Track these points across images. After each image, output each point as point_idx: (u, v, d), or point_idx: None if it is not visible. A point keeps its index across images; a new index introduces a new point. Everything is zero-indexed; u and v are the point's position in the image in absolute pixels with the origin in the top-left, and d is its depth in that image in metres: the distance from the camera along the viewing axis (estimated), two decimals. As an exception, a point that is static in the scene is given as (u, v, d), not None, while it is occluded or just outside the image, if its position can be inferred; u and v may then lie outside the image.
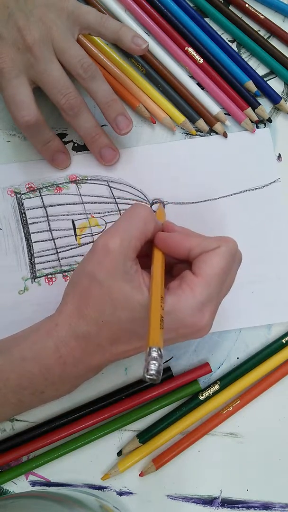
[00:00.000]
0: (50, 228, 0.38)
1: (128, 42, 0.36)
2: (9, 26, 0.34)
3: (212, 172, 0.39)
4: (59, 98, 0.35)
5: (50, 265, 0.37)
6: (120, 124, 0.37)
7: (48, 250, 0.37)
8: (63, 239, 0.38)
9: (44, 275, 0.37)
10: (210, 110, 0.40)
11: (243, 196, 0.38)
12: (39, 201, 0.38)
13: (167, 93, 0.40)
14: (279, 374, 0.35)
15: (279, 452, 0.34)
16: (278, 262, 0.37)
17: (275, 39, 0.42)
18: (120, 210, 0.38)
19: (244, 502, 0.34)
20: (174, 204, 0.38)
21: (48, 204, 0.38)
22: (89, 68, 0.35)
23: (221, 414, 0.34)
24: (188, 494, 0.34)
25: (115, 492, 0.34)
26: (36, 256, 0.37)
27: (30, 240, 0.37)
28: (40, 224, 0.38)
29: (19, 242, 0.37)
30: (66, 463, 0.34)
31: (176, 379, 0.35)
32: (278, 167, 0.39)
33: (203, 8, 0.42)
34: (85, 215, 0.38)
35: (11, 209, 0.38)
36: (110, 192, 0.38)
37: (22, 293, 0.37)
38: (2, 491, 0.34)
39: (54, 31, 0.35)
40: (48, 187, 0.38)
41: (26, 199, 0.38)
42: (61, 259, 0.37)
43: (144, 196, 0.38)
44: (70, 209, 0.38)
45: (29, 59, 0.34)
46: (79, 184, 0.38)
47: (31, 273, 0.37)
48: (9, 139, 0.40)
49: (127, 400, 0.34)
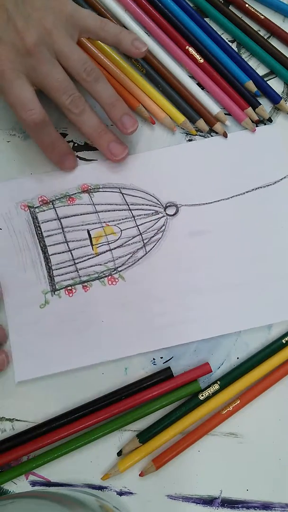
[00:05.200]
0: (66, 240, 0.38)
1: (128, 45, 0.36)
2: (8, 29, 0.34)
3: (223, 172, 0.39)
4: (64, 98, 0.35)
5: (69, 277, 0.37)
6: (126, 124, 0.37)
7: (66, 262, 0.37)
8: (79, 249, 0.37)
9: (63, 287, 0.37)
10: (210, 110, 0.40)
11: (256, 193, 0.38)
12: (53, 214, 0.38)
13: (167, 93, 0.40)
14: (279, 374, 0.35)
15: (279, 452, 0.34)
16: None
17: (275, 39, 0.42)
18: (135, 217, 0.38)
19: (244, 502, 0.34)
20: (188, 206, 0.38)
21: (62, 215, 0.38)
22: (92, 72, 0.36)
23: (221, 414, 0.34)
24: (188, 494, 0.34)
25: (115, 492, 0.34)
26: (55, 269, 0.37)
27: (47, 253, 0.37)
28: (56, 237, 0.38)
29: (36, 256, 0.37)
30: (66, 463, 0.34)
31: (176, 379, 0.35)
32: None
33: (203, 8, 0.42)
34: (100, 224, 0.38)
35: (26, 223, 0.38)
36: (123, 199, 0.38)
37: (43, 307, 0.36)
38: (2, 491, 0.34)
39: (54, 34, 0.35)
40: (61, 199, 0.38)
41: (39, 212, 0.38)
42: (79, 270, 0.37)
43: (157, 200, 0.38)
44: (84, 219, 0.38)
45: (30, 62, 0.34)
46: (91, 193, 0.38)
47: (50, 286, 0.37)
48: (9, 139, 0.40)
49: (127, 400, 0.34)
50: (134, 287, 0.37)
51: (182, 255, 0.37)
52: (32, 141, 0.40)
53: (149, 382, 0.35)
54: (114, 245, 0.38)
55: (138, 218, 0.38)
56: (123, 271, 0.37)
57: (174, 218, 0.38)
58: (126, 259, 0.37)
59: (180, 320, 0.36)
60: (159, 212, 0.38)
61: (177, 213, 0.38)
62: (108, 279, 0.37)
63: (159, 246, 0.38)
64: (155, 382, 0.35)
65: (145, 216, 0.38)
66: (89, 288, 0.37)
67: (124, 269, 0.37)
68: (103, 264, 0.37)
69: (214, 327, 0.36)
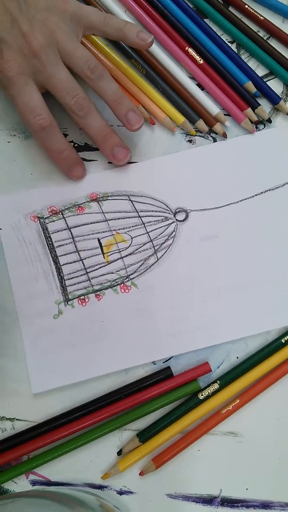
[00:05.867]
0: (77, 249, 0.37)
1: (133, 38, 0.36)
2: (14, 32, 0.34)
3: (231, 176, 0.39)
4: (68, 99, 0.35)
5: (81, 286, 0.37)
6: (132, 120, 0.37)
7: (78, 271, 0.37)
8: (91, 258, 0.37)
9: (76, 296, 0.37)
10: (210, 110, 0.40)
11: (265, 196, 0.38)
12: (63, 224, 0.38)
13: (167, 94, 0.41)
14: (279, 373, 0.35)
15: (279, 451, 0.34)
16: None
17: (275, 40, 0.42)
18: (144, 224, 0.38)
19: (244, 501, 0.34)
20: (197, 211, 0.38)
21: (72, 225, 0.38)
22: (96, 68, 0.35)
23: (221, 413, 0.34)
24: (188, 493, 0.34)
25: (115, 491, 0.34)
26: (67, 279, 0.37)
27: (58, 264, 0.37)
28: (67, 246, 0.38)
29: (48, 267, 0.37)
30: (66, 462, 0.34)
31: (176, 378, 0.35)
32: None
33: (203, 9, 0.43)
34: (110, 232, 0.38)
35: (36, 234, 0.38)
36: (132, 206, 0.38)
37: (57, 317, 0.36)
38: (2, 491, 0.34)
39: (58, 34, 0.35)
40: (70, 208, 0.38)
41: (49, 222, 0.38)
42: (91, 279, 0.37)
43: (167, 206, 0.38)
44: (94, 228, 0.38)
45: (36, 64, 0.34)
46: (100, 201, 0.38)
47: (63, 296, 0.37)
48: (10, 139, 0.40)
49: (127, 400, 0.34)
50: (147, 294, 0.37)
51: (194, 260, 0.37)
52: (33, 141, 0.40)
53: (149, 382, 0.35)
54: (125, 253, 0.37)
55: (148, 225, 0.38)
56: (135, 278, 0.37)
57: (184, 224, 0.38)
58: (137, 266, 0.37)
59: (196, 326, 0.36)
60: (169, 218, 0.38)
61: (187, 218, 0.38)
62: (121, 287, 0.37)
63: (170, 252, 0.37)
64: (155, 382, 0.35)
65: (155, 223, 0.38)
66: (102, 297, 0.37)
67: (136, 277, 0.37)
68: (115, 272, 0.37)
69: (228, 332, 0.36)
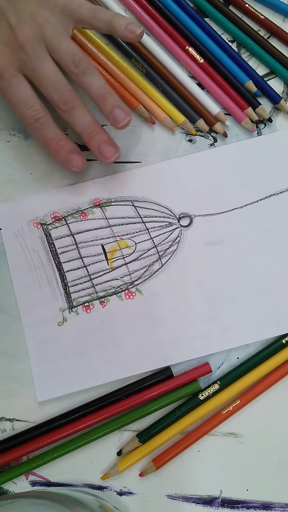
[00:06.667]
0: (80, 256, 0.37)
1: (122, 31, 0.35)
2: (1, 25, 0.34)
3: (235, 181, 0.38)
4: (53, 94, 0.34)
5: (85, 293, 0.37)
6: (117, 117, 0.35)
7: (82, 278, 0.37)
8: (95, 265, 0.37)
9: (81, 303, 0.36)
10: (210, 110, 0.40)
11: (270, 201, 0.38)
12: (66, 230, 0.38)
13: (167, 93, 0.40)
14: (279, 374, 0.35)
15: (279, 452, 0.34)
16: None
17: (275, 39, 0.42)
18: (148, 229, 0.38)
19: (244, 502, 0.34)
20: (201, 216, 0.38)
21: (76, 231, 0.38)
22: (80, 63, 0.34)
23: (221, 414, 0.34)
24: (188, 494, 0.34)
25: (115, 492, 0.34)
26: (71, 286, 0.37)
27: (62, 270, 0.37)
28: (70, 253, 0.37)
29: (51, 274, 0.37)
30: (66, 463, 0.34)
31: (176, 378, 0.35)
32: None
33: (203, 8, 0.42)
34: (114, 238, 0.37)
35: (39, 241, 0.38)
36: (135, 212, 0.38)
37: (62, 325, 0.36)
38: (2, 491, 0.34)
39: (46, 28, 0.34)
40: (73, 214, 0.38)
41: (52, 229, 0.38)
42: (95, 286, 0.37)
43: (170, 211, 0.38)
44: (98, 234, 0.38)
45: (22, 57, 0.34)
46: (103, 207, 0.38)
47: (67, 303, 0.37)
48: (9, 139, 0.40)
49: (127, 400, 0.34)
50: (152, 300, 0.36)
51: (199, 266, 0.37)
52: (33, 141, 0.40)
53: (149, 382, 0.35)
54: (130, 259, 0.37)
55: (152, 231, 0.38)
56: (139, 284, 0.37)
57: (189, 229, 0.38)
58: (142, 272, 0.37)
59: (202, 332, 0.36)
60: (173, 223, 0.38)
61: (191, 223, 0.38)
62: (125, 294, 0.37)
63: (175, 258, 0.37)
64: (155, 382, 0.35)
65: (159, 228, 0.38)
66: (107, 304, 0.36)
67: (140, 283, 0.37)
68: (119, 278, 0.37)
69: (234, 338, 0.36)
